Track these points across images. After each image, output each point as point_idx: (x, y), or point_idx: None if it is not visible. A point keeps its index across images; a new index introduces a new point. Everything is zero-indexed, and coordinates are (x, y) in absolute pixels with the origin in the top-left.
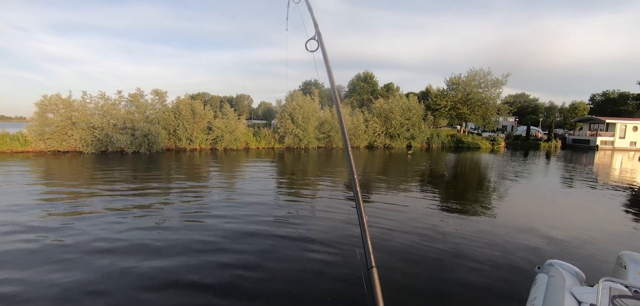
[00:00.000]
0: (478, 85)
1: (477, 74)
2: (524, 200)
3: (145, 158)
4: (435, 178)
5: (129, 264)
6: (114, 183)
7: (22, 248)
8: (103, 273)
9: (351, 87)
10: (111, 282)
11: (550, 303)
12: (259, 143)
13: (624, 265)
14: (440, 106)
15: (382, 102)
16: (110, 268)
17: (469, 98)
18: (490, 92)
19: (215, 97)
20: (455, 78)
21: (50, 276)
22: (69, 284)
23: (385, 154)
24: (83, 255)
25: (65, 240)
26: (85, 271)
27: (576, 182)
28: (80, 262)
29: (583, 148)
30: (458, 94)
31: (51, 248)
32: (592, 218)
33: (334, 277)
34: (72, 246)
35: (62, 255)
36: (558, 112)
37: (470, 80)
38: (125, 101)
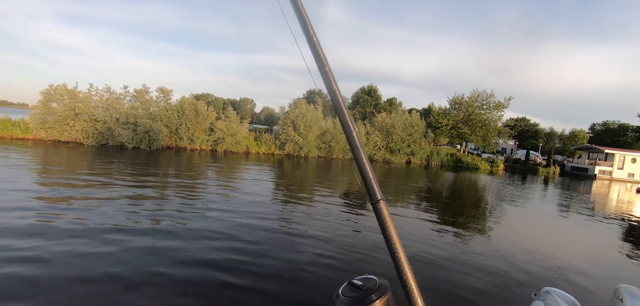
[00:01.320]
0: (480, 106)
1: (480, 95)
2: (521, 224)
3: (144, 155)
4: (432, 196)
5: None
6: (111, 175)
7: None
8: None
9: (355, 99)
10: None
11: None
12: (259, 148)
13: (620, 297)
14: (442, 124)
15: (385, 116)
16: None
17: (470, 118)
18: (492, 114)
19: (219, 99)
20: (458, 98)
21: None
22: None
23: (384, 168)
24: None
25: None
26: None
27: (573, 210)
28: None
29: (581, 176)
30: (460, 114)
31: (38, 232)
32: (587, 248)
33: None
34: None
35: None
36: (558, 138)
37: (472, 101)
38: (130, 96)
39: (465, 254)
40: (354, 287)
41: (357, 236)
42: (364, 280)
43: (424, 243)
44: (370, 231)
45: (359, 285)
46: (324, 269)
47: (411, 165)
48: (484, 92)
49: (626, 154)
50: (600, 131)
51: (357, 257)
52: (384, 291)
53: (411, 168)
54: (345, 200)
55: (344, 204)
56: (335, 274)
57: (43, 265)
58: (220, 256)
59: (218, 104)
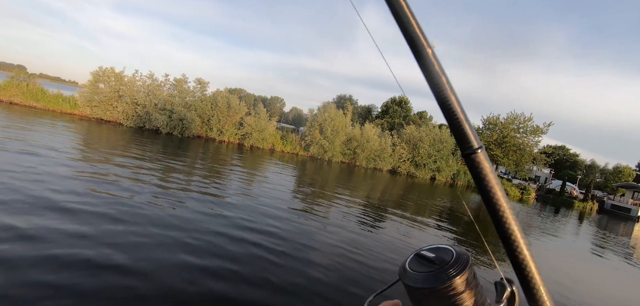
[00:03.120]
0: (516, 129)
1: (517, 117)
2: (549, 259)
3: (176, 141)
4: (453, 218)
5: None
6: (144, 157)
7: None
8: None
9: (384, 109)
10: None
11: None
12: (284, 147)
13: None
14: None
15: (414, 128)
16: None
17: (504, 141)
18: (528, 139)
19: (250, 95)
20: (493, 119)
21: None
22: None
23: (407, 182)
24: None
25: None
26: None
27: (609, 252)
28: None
29: (622, 216)
30: (493, 135)
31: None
32: (622, 292)
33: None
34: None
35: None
36: (599, 172)
37: (508, 123)
38: (169, 84)
39: (484, 283)
40: (423, 259)
41: (378, 239)
42: (436, 250)
43: None
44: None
45: (431, 256)
46: (350, 272)
47: (435, 182)
48: (522, 115)
49: None
50: None
51: (379, 259)
52: (464, 264)
53: (435, 185)
54: (362, 212)
55: (368, 207)
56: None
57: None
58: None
59: (249, 100)
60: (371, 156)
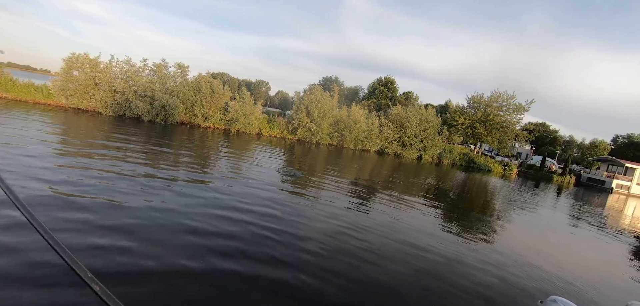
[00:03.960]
0: (500, 107)
1: (501, 96)
2: (529, 231)
3: (159, 128)
4: (440, 195)
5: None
6: (127, 148)
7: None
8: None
9: (371, 90)
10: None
11: None
12: (271, 131)
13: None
14: (458, 122)
15: (400, 109)
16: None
17: (488, 119)
18: (511, 117)
19: (234, 79)
20: (477, 97)
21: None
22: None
23: (395, 162)
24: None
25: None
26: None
27: (584, 222)
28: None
29: (597, 188)
30: (477, 113)
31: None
32: (596, 261)
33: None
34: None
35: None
36: (577, 147)
37: (492, 101)
38: (148, 70)
39: (471, 258)
40: None
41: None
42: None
43: (429, 245)
44: (366, 226)
45: None
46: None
47: (422, 161)
48: (505, 93)
49: None
50: (623, 144)
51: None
52: None
53: (422, 164)
54: (351, 192)
55: (350, 199)
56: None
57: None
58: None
59: (233, 84)
60: (359, 138)
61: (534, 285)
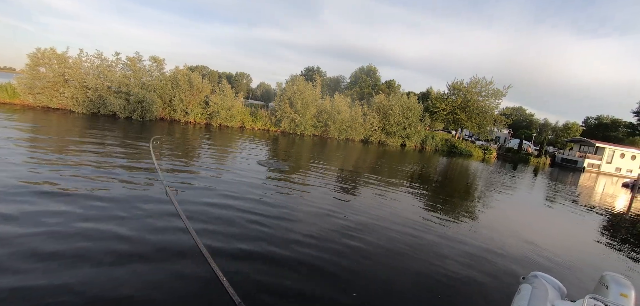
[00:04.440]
0: (479, 93)
1: (480, 82)
2: (509, 211)
3: (137, 125)
4: (424, 180)
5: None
6: (104, 146)
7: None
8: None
9: (353, 79)
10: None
11: None
12: (255, 123)
13: (606, 285)
14: (439, 109)
15: (383, 97)
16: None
17: (468, 105)
18: (489, 102)
19: (214, 72)
20: (457, 84)
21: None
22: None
23: (379, 150)
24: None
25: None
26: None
27: (559, 200)
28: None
29: (570, 168)
30: (458, 99)
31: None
32: (572, 237)
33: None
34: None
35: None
36: (551, 130)
37: (472, 87)
38: (122, 64)
39: (454, 239)
40: None
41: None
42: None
43: (413, 228)
44: (353, 213)
45: None
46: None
47: (406, 149)
48: (484, 79)
49: (616, 149)
50: (593, 125)
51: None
52: None
53: (406, 151)
54: (337, 183)
55: (337, 190)
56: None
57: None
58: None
59: (213, 77)
60: (343, 127)
61: (516, 262)
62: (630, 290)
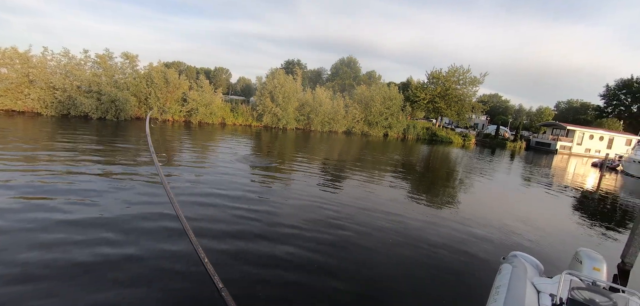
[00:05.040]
0: (457, 81)
1: (457, 70)
2: (489, 195)
3: (112, 126)
4: (407, 169)
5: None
6: (76, 149)
7: None
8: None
9: (334, 70)
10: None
11: (513, 291)
12: (236, 119)
13: (580, 260)
14: (419, 98)
15: (364, 88)
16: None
17: (447, 93)
18: (467, 90)
19: (191, 68)
20: (436, 73)
21: None
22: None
23: (362, 141)
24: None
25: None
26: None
27: (535, 182)
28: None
29: (544, 150)
30: (437, 88)
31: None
32: (548, 216)
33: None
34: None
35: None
36: (526, 115)
37: (450, 75)
38: (91, 62)
39: (438, 224)
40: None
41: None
42: None
43: (399, 214)
44: (339, 205)
45: None
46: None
47: (388, 138)
48: (461, 67)
49: (585, 131)
50: (564, 109)
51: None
52: None
53: (388, 141)
54: (321, 176)
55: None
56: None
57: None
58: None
59: (191, 73)
60: (325, 119)
61: (496, 244)
62: (602, 263)
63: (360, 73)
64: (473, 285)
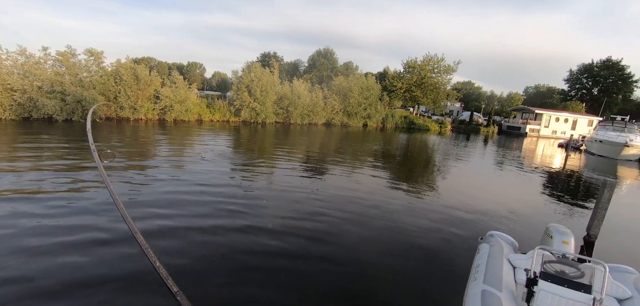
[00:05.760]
0: (432, 70)
1: (432, 59)
2: (466, 179)
3: (79, 127)
4: (387, 157)
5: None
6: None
7: None
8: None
9: (311, 62)
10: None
11: (491, 268)
12: (213, 115)
13: (550, 235)
14: (396, 88)
15: (342, 79)
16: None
17: (423, 82)
18: (442, 78)
19: (163, 63)
20: (411, 62)
21: None
22: None
23: (342, 132)
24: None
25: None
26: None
27: (507, 164)
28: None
29: (515, 134)
30: (413, 77)
31: None
32: (520, 196)
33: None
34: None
35: None
36: (497, 100)
37: (425, 64)
38: (52, 60)
39: (419, 209)
40: None
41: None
42: None
43: (380, 202)
44: (322, 195)
45: None
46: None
47: (368, 128)
48: (436, 56)
49: (552, 114)
50: (532, 93)
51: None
52: None
53: (368, 131)
54: (305, 169)
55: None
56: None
57: None
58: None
59: (162, 69)
60: (305, 112)
61: (474, 225)
62: (570, 237)
63: (337, 64)
64: (454, 265)
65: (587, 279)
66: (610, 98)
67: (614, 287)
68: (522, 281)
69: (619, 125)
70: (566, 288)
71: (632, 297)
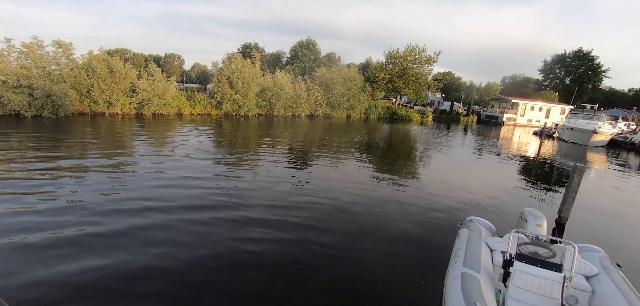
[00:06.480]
0: (413, 60)
1: (413, 49)
2: (446, 167)
3: (50, 123)
4: (370, 148)
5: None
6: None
7: None
8: None
9: (293, 53)
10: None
11: (471, 252)
12: (193, 108)
13: (525, 218)
14: (379, 79)
15: (325, 70)
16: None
17: (404, 72)
18: (423, 68)
19: (139, 55)
20: (393, 52)
21: None
22: None
23: (325, 123)
24: None
25: None
26: None
27: (485, 152)
28: None
29: (493, 123)
30: (395, 68)
31: None
32: (498, 182)
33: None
34: None
35: None
36: (476, 90)
37: (407, 55)
38: (17, 52)
39: (401, 197)
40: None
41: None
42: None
43: (364, 192)
44: (310, 186)
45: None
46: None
47: (351, 120)
48: (417, 46)
49: (527, 103)
50: (509, 83)
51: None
52: None
53: (351, 122)
54: (289, 162)
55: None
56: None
57: None
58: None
59: (138, 61)
60: (288, 104)
61: (454, 211)
62: (543, 220)
63: (320, 55)
64: (436, 250)
65: (559, 258)
66: (581, 88)
67: (582, 265)
68: (499, 262)
69: (589, 113)
70: (539, 268)
71: (598, 274)
